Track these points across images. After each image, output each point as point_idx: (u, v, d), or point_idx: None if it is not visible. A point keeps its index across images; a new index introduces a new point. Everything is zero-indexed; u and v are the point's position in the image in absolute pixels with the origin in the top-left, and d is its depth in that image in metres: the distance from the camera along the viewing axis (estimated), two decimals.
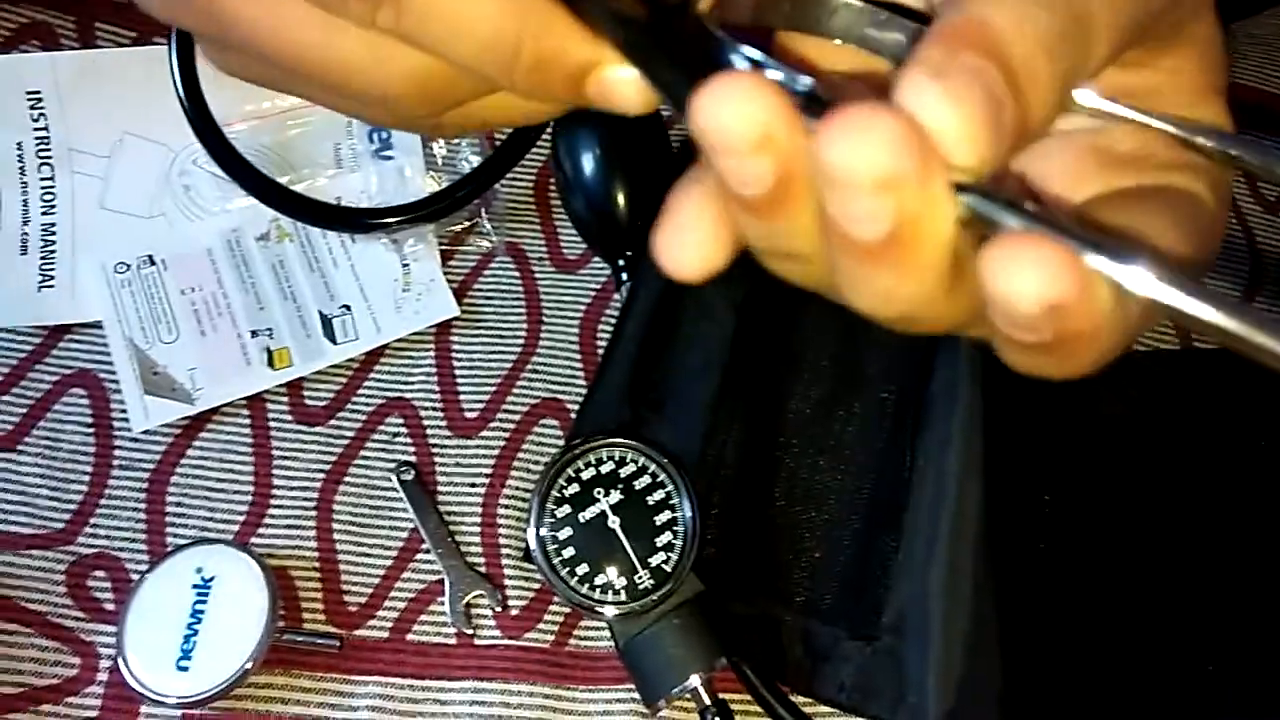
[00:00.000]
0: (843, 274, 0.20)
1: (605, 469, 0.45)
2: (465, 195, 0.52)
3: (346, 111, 0.29)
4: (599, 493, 0.44)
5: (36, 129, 0.54)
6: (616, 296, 0.52)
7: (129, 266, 0.51)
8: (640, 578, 0.43)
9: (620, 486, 0.44)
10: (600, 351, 0.51)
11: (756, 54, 0.21)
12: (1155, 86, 0.24)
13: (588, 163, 0.52)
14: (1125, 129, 0.24)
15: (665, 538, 0.44)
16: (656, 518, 0.44)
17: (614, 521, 0.44)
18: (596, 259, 0.54)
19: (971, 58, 0.18)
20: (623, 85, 0.23)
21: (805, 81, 0.20)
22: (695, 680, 0.41)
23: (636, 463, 0.45)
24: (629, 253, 0.51)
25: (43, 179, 0.53)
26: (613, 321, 0.51)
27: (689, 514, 0.44)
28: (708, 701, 0.42)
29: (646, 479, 0.45)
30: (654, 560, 0.43)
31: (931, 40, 0.19)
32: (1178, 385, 0.48)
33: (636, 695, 0.43)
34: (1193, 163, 0.24)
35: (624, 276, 0.51)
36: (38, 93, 0.54)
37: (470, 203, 0.53)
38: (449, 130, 0.28)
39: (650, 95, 0.23)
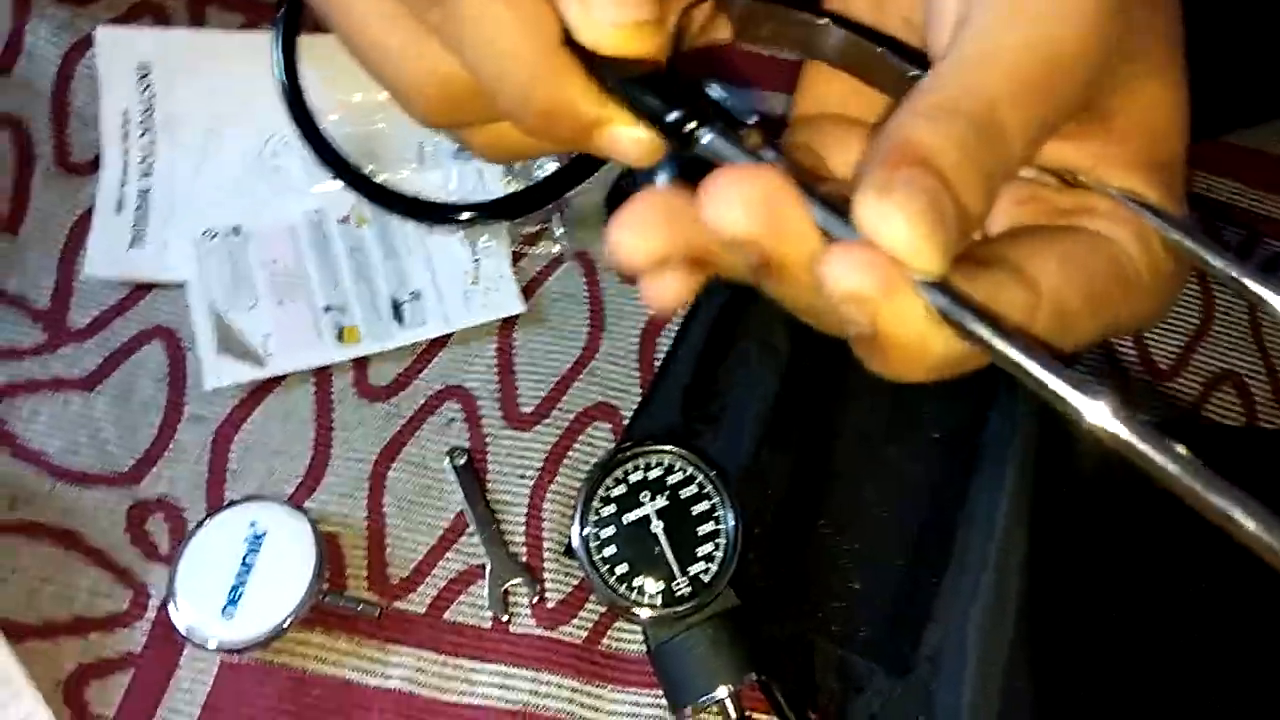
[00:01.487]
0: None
1: (653, 474, 0.46)
2: (540, 199, 0.54)
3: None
4: (645, 497, 0.45)
5: (143, 98, 0.56)
6: (678, 312, 0.53)
7: (216, 234, 0.53)
8: (678, 584, 0.44)
9: (667, 493, 0.45)
10: (657, 364, 0.52)
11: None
12: (1089, 155, 0.26)
13: (660, 179, 0.53)
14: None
15: (707, 548, 0.44)
16: (700, 528, 0.45)
17: (657, 526, 0.45)
18: None
19: (909, 172, 0.21)
20: (627, 143, 0.26)
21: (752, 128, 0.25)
22: (723, 692, 0.42)
23: (684, 471, 0.46)
24: None
25: (143, 145, 0.56)
26: (672, 336, 0.53)
27: (732, 528, 0.45)
28: (734, 715, 0.42)
29: (693, 489, 0.46)
30: (693, 569, 0.44)
31: (871, 164, 0.22)
32: (1238, 461, 0.48)
33: (663, 702, 0.44)
34: (1126, 218, 0.26)
35: None
36: (147, 65, 0.57)
37: (545, 207, 0.54)
38: (476, 146, 0.31)
39: (650, 152, 0.26)
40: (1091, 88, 0.24)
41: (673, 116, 0.25)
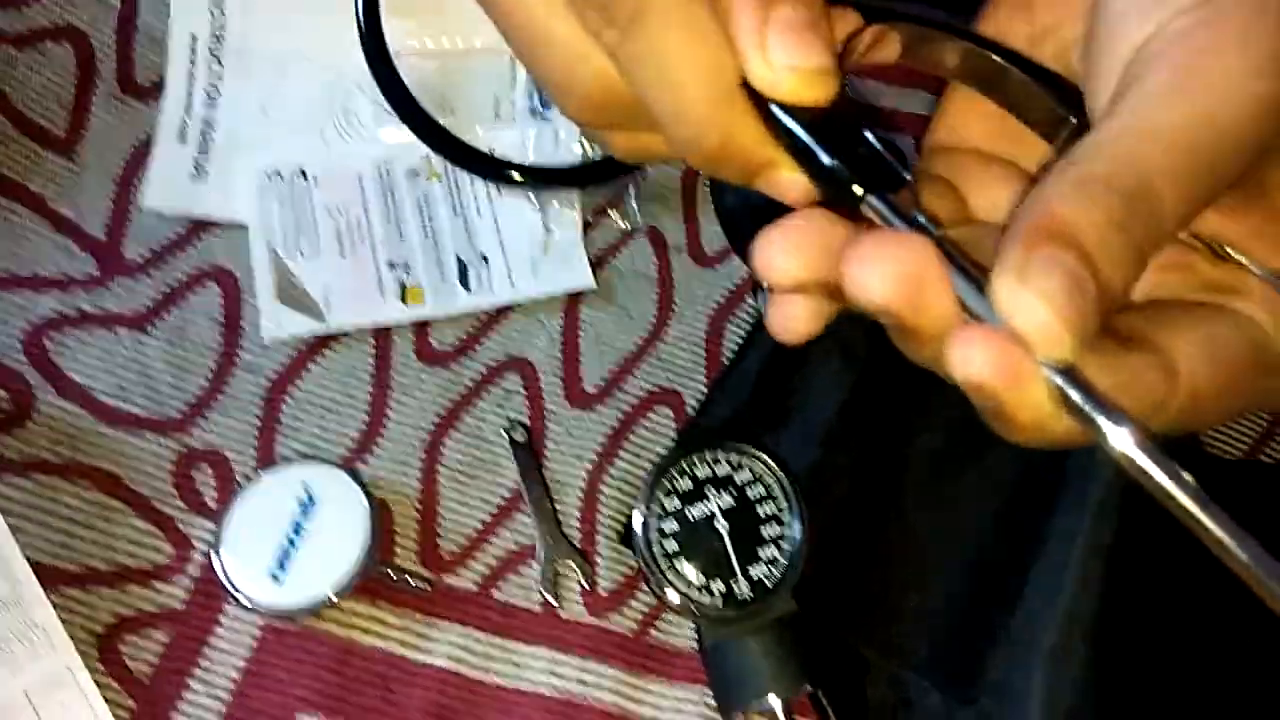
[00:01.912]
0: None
1: (720, 470, 0.44)
2: (616, 168, 0.52)
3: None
4: (711, 492, 0.44)
5: (214, 23, 0.54)
6: (750, 301, 0.51)
7: (281, 176, 0.51)
8: (738, 585, 0.42)
9: (733, 492, 0.44)
10: (725, 351, 0.50)
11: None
12: (1243, 230, 0.25)
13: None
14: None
15: (770, 552, 0.43)
16: (764, 530, 0.43)
17: (722, 525, 0.43)
18: (733, 258, 0.53)
19: (1049, 251, 0.20)
20: (789, 187, 0.26)
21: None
22: (775, 701, 0.40)
23: (753, 470, 0.44)
24: None
25: (211, 73, 0.53)
26: (742, 323, 0.51)
27: (798, 533, 0.43)
28: None
29: (760, 489, 0.44)
30: (754, 572, 0.42)
31: (1010, 241, 0.21)
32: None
33: (709, 700, 0.42)
34: (1275, 302, 0.25)
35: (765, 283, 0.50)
36: None
37: (622, 177, 0.52)
38: (613, 146, 0.30)
39: (810, 200, 0.26)
40: (1253, 165, 0.23)
41: (835, 167, 0.25)
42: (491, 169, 0.52)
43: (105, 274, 0.47)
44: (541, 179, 0.52)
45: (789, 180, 0.26)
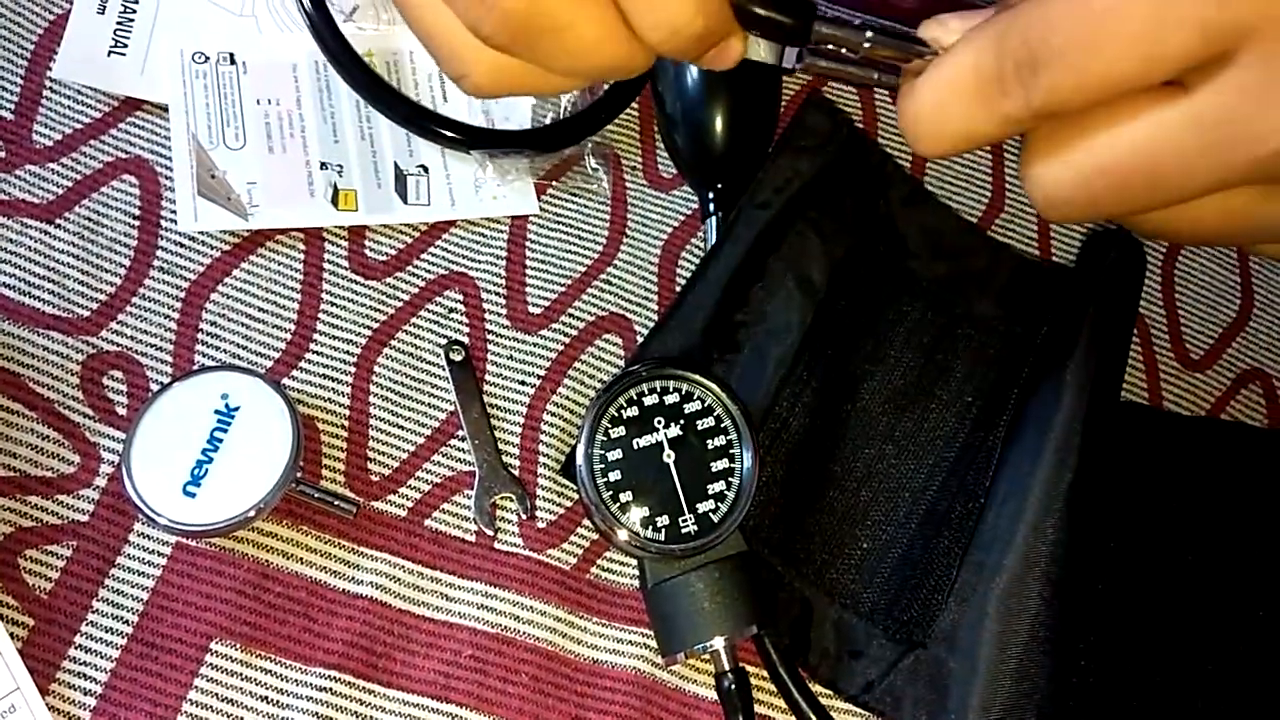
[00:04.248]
0: None
1: (670, 400, 0.42)
2: (576, 134, 0.48)
3: None
4: (659, 422, 0.42)
5: None
6: (703, 228, 0.49)
7: (207, 58, 0.47)
8: (684, 521, 0.40)
9: (682, 422, 0.42)
10: (678, 276, 0.48)
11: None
12: None
13: (686, 90, 0.48)
14: None
15: (718, 486, 0.41)
16: (714, 464, 0.41)
17: (669, 456, 0.41)
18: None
19: None
20: (748, 52, 0.29)
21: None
22: (719, 643, 0.39)
23: (703, 401, 0.42)
24: (720, 185, 0.48)
25: None
26: (697, 249, 0.49)
27: (748, 468, 0.41)
28: (727, 666, 0.39)
29: (710, 421, 0.42)
30: (702, 507, 0.41)
31: None
32: (1262, 462, 0.47)
33: (649, 640, 0.41)
34: None
35: (712, 208, 0.48)
36: None
37: (573, 144, 0.49)
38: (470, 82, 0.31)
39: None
40: None
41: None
42: (432, 129, 0.48)
43: (13, 158, 0.43)
44: (488, 142, 0.48)
45: (748, 50, 0.29)
